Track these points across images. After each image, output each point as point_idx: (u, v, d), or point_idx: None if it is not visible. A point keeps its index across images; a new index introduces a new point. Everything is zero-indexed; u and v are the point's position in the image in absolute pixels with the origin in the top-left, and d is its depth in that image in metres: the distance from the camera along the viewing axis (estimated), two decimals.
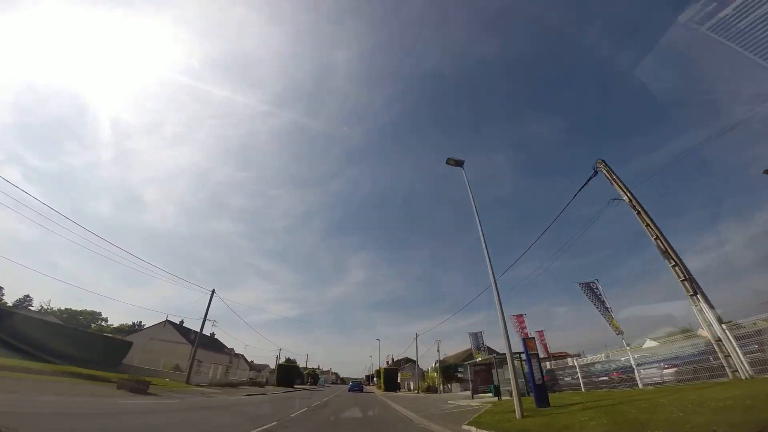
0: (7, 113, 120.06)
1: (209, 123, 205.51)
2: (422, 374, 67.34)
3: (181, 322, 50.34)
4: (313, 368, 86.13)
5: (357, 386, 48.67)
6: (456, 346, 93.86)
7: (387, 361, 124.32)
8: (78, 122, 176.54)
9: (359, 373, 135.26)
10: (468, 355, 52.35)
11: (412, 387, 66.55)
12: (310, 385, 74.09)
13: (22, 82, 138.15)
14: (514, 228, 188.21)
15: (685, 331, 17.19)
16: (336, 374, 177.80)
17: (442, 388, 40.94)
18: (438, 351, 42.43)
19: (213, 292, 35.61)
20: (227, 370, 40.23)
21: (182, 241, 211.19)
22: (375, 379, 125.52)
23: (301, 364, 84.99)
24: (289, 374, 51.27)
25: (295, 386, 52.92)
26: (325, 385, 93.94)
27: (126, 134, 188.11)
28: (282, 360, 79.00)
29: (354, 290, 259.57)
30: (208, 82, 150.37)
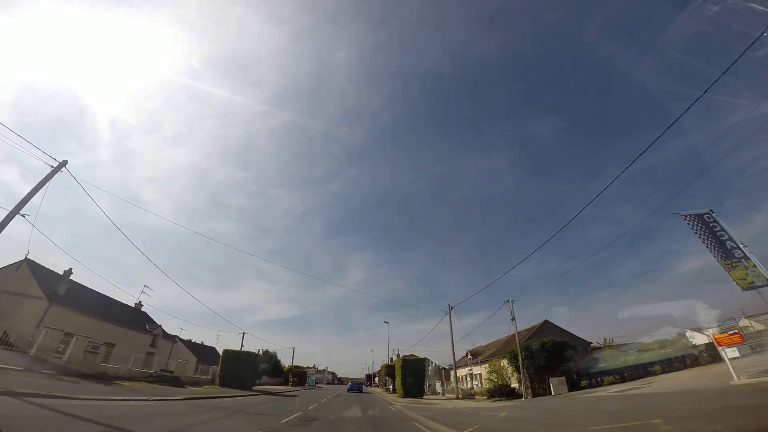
0: (5, 113, 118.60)
1: (209, 123, 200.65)
2: (445, 373, 46.85)
3: (68, 271, 29.74)
4: (298, 366, 64.81)
5: (356, 386, 46.51)
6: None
7: (391, 358, 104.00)
8: (77, 122, 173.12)
9: (358, 373, 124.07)
10: (535, 332, 31.20)
11: (438, 390, 45.98)
12: (292, 385, 53.37)
13: (21, 82, 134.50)
14: (514, 227, 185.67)
15: None
16: (333, 373, 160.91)
17: (522, 387, 20.33)
18: (512, 318, 21.69)
19: (62, 164, 15.46)
20: (94, 348, 19.72)
21: (182, 240, 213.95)
22: (377, 378, 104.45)
23: (288, 360, 64.29)
24: (240, 369, 30.44)
25: (255, 388, 32.18)
26: (317, 385, 73.19)
27: (125, 134, 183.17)
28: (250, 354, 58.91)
29: (355, 290, 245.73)
30: (207, 82, 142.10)
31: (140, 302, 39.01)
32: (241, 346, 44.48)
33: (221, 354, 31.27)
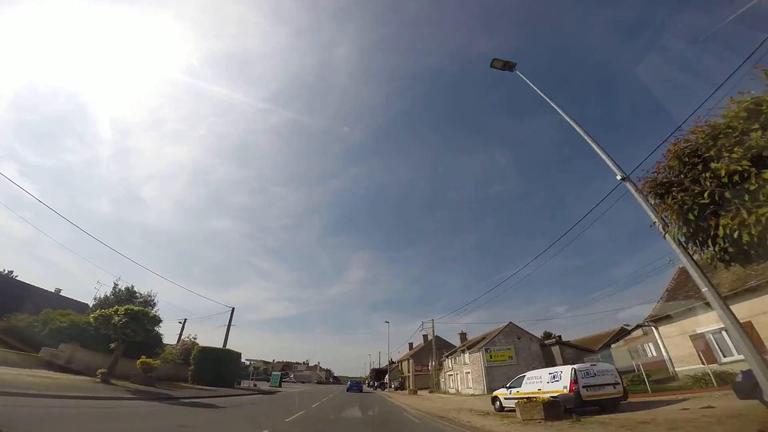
0: (5, 110, 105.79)
1: (210, 120, 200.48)
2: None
3: None
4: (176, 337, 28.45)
5: (356, 385, 41.34)
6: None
7: (412, 343, 69.69)
8: (79, 119, 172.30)
9: (356, 372, 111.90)
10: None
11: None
12: (210, 390, 17.32)
13: (22, 80, 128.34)
14: (514, 228, 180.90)
15: None
16: (327, 371, 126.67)
17: None
18: None
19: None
20: None
21: (181, 238, 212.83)
22: (386, 376, 69.39)
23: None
24: None
25: None
26: (279, 388, 37.11)
27: (126, 132, 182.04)
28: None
29: (353, 289, 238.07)
30: (208, 80, 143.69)
31: None
32: None
33: None
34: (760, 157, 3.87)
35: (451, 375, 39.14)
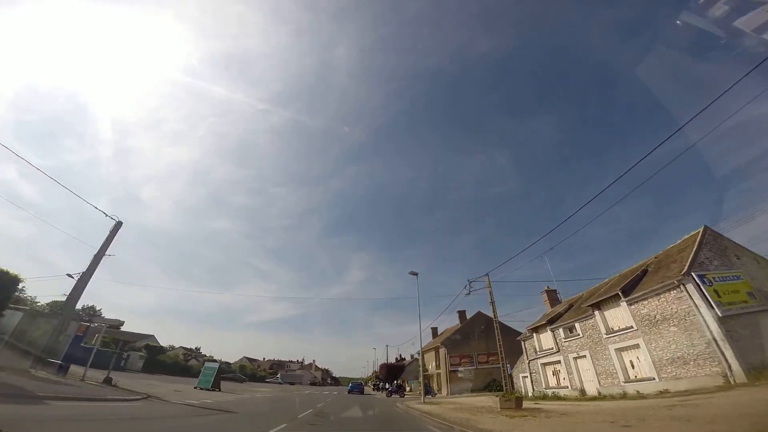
0: (5, 111, 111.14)
1: (210, 120, 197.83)
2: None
3: None
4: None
5: (357, 387, 41.55)
6: None
7: (436, 328, 52.00)
8: (78, 119, 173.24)
9: (358, 372, 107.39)
10: None
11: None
12: None
13: (21, 80, 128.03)
14: (512, 228, 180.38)
15: None
16: (325, 371, 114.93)
17: None
18: None
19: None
20: None
21: (181, 238, 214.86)
22: (398, 375, 49.28)
23: None
24: None
25: None
26: (208, 389, 17.60)
27: (126, 132, 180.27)
28: None
29: (353, 289, 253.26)
30: (208, 80, 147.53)
31: None
32: None
33: None
34: None
35: (555, 365, 20.11)
